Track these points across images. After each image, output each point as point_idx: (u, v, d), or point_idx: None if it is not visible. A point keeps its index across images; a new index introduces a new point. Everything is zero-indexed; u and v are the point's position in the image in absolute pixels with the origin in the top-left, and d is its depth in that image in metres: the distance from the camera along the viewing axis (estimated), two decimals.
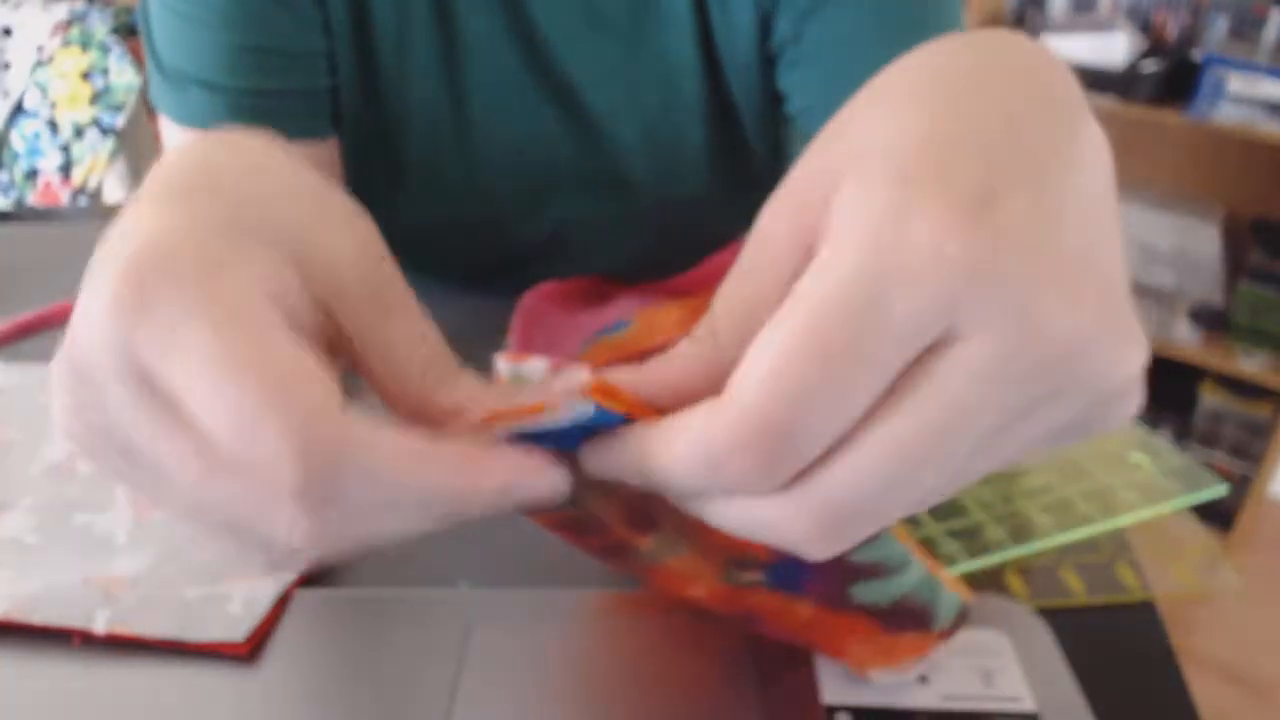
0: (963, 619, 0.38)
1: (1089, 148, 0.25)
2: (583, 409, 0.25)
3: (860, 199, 0.23)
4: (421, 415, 0.28)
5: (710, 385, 0.25)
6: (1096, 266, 0.23)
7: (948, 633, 0.38)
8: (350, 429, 0.24)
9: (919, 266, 0.21)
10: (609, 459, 0.26)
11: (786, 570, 0.36)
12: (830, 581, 0.36)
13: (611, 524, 0.36)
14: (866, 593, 0.36)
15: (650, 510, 0.34)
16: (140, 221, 0.26)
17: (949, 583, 0.37)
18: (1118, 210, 0.25)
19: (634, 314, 0.31)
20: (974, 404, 0.22)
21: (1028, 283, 0.22)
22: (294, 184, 0.29)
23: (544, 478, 0.27)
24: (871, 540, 0.34)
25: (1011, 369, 0.22)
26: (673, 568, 0.38)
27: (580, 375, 0.25)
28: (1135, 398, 0.25)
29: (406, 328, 0.28)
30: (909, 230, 0.22)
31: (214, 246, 0.25)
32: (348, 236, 0.28)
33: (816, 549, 0.24)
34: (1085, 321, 0.23)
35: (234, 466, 0.24)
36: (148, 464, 0.25)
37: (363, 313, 0.28)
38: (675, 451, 0.24)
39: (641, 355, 0.31)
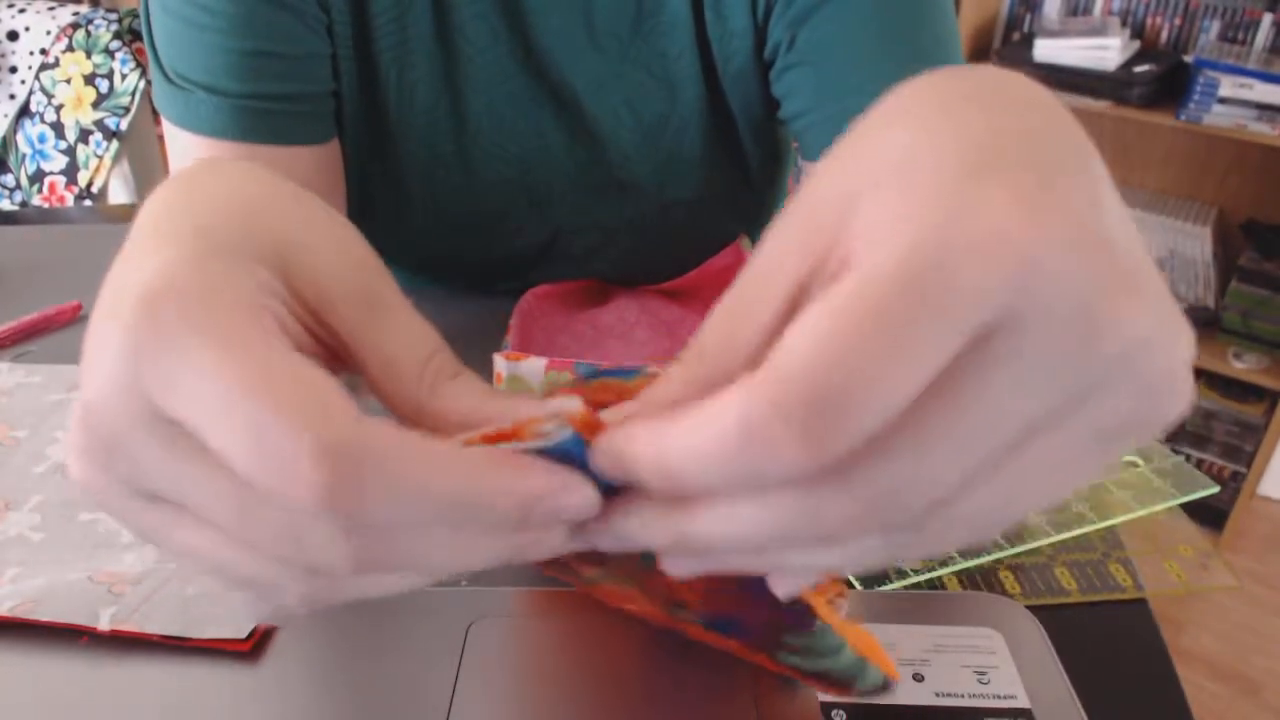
0: (884, 690, 0.38)
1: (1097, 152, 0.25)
2: (564, 436, 0.24)
3: (903, 201, 0.22)
4: (422, 418, 0.28)
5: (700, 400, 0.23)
6: (1143, 257, 0.23)
7: (865, 695, 0.38)
8: (369, 430, 0.23)
9: (985, 243, 0.20)
10: (623, 447, 0.24)
11: (722, 623, 0.37)
12: (761, 640, 0.37)
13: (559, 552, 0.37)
14: (792, 659, 0.36)
15: (600, 554, 0.35)
16: (136, 263, 0.26)
17: (880, 663, 0.37)
18: None
19: (650, 366, 0.30)
20: (1026, 394, 0.21)
21: (1093, 272, 0.21)
22: (274, 198, 0.29)
23: (578, 490, 0.25)
24: (806, 631, 0.34)
25: (1069, 361, 0.21)
26: (611, 589, 0.39)
27: (571, 403, 0.25)
28: (1186, 391, 0.24)
29: (401, 329, 0.28)
30: (972, 212, 0.21)
31: (209, 270, 0.25)
32: (330, 243, 0.28)
33: (854, 534, 0.22)
34: (1147, 313, 0.22)
35: (262, 493, 0.23)
36: (174, 511, 0.25)
37: (353, 316, 0.27)
38: (706, 429, 0.22)
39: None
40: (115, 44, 1.61)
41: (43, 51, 1.62)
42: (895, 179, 0.22)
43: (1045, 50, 1.98)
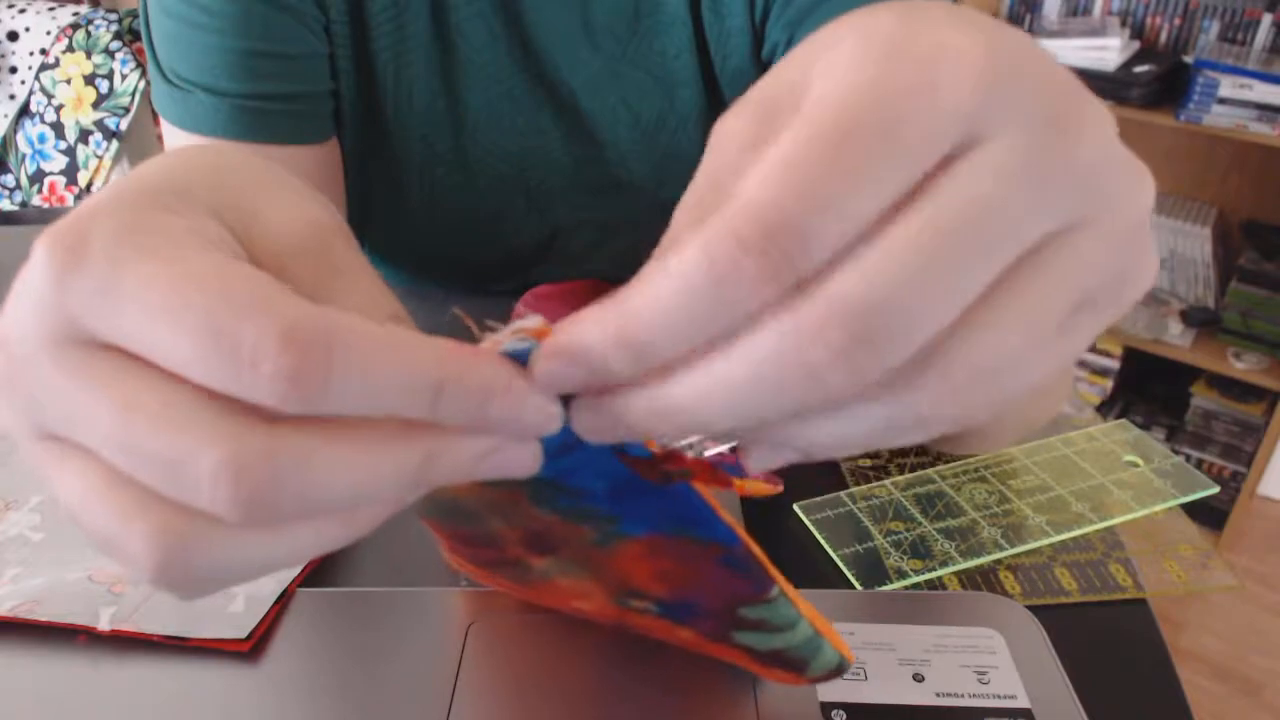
0: (838, 673, 0.38)
1: None
2: (520, 347, 0.24)
3: (850, 49, 0.21)
4: None
5: None
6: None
7: (818, 679, 0.38)
8: (332, 314, 0.22)
9: (943, 61, 0.20)
10: (574, 333, 0.23)
11: (677, 607, 0.36)
12: (716, 623, 0.37)
13: (508, 544, 0.36)
14: (747, 639, 0.36)
15: (552, 540, 0.35)
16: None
17: (835, 643, 0.37)
18: None
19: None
20: (999, 200, 0.21)
21: (1051, 89, 0.22)
22: (239, 164, 0.28)
23: (535, 399, 0.24)
24: (764, 602, 0.34)
25: (1039, 168, 0.21)
26: (561, 584, 0.38)
27: (531, 320, 0.24)
28: (1153, 254, 0.24)
29: (358, 291, 0.27)
30: (923, 37, 0.21)
31: (142, 199, 0.25)
32: (291, 206, 0.27)
33: (842, 371, 0.21)
34: (1109, 136, 0.22)
35: (149, 408, 0.22)
36: (57, 439, 0.24)
37: (309, 275, 0.26)
38: (667, 278, 0.21)
39: None
40: (115, 44, 1.61)
41: (43, 52, 1.62)
42: (842, 45, 0.22)
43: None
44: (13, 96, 1.64)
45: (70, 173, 1.63)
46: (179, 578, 0.24)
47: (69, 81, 1.62)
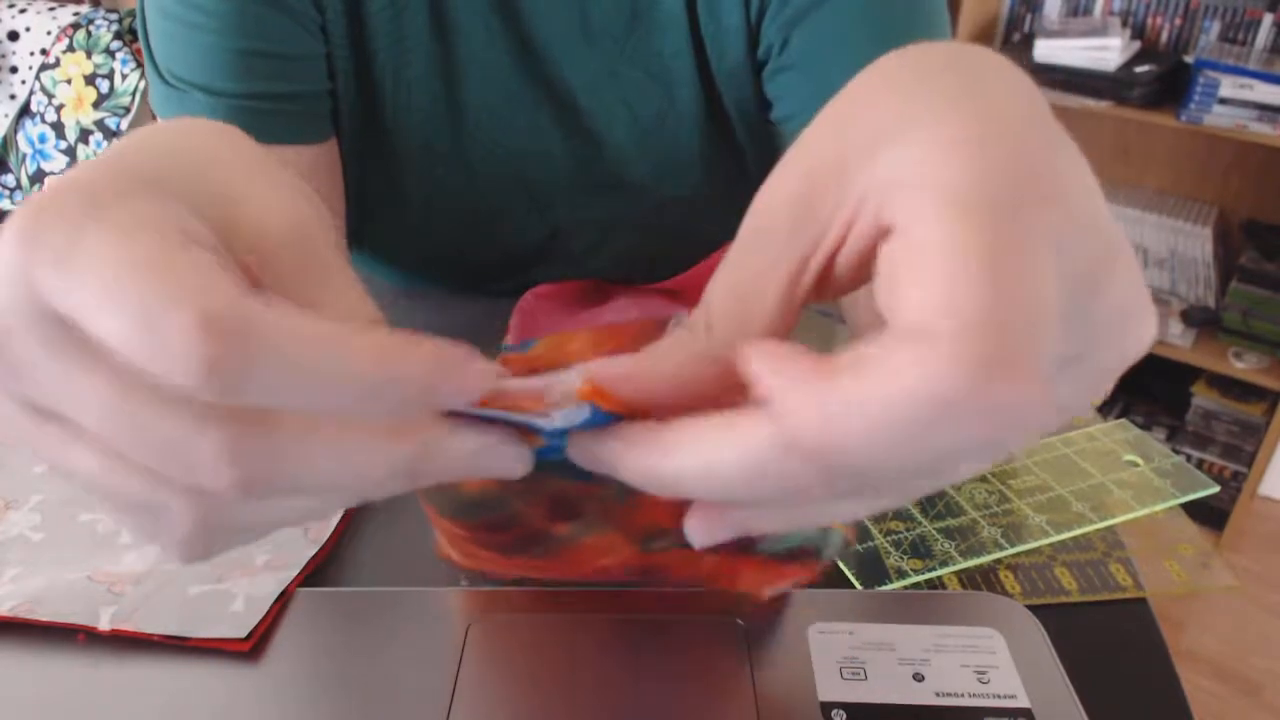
0: (843, 550, 0.40)
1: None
2: (577, 413, 0.25)
3: (931, 163, 0.22)
4: None
5: (708, 375, 0.24)
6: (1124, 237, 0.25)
7: (827, 559, 0.41)
8: (256, 304, 0.22)
9: (1032, 184, 0.21)
10: (625, 459, 0.25)
11: None
12: (738, 541, 0.38)
13: (532, 518, 0.37)
14: (767, 545, 0.39)
15: (575, 503, 0.36)
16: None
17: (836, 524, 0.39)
18: None
19: (541, 337, 0.30)
20: None
21: (1100, 235, 0.23)
22: (224, 151, 0.28)
23: (469, 375, 0.24)
24: None
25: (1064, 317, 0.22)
26: (586, 545, 0.39)
27: (574, 380, 0.25)
28: (1106, 387, 0.26)
29: (338, 295, 0.27)
30: (1012, 159, 0.22)
31: (114, 183, 0.25)
32: (279, 204, 0.27)
33: (824, 492, 0.23)
34: (1131, 282, 0.24)
35: (143, 397, 0.23)
36: (57, 419, 0.24)
37: (291, 276, 0.26)
38: (721, 454, 0.23)
39: (547, 369, 0.29)
40: (116, 44, 1.61)
41: (43, 52, 1.63)
42: (907, 137, 0.23)
43: (1046, 50, 1.98)
44: (13, 96, 1.64)
45: None
46: (200, 551, 0.25)
47: (69, 81, 1.62)
